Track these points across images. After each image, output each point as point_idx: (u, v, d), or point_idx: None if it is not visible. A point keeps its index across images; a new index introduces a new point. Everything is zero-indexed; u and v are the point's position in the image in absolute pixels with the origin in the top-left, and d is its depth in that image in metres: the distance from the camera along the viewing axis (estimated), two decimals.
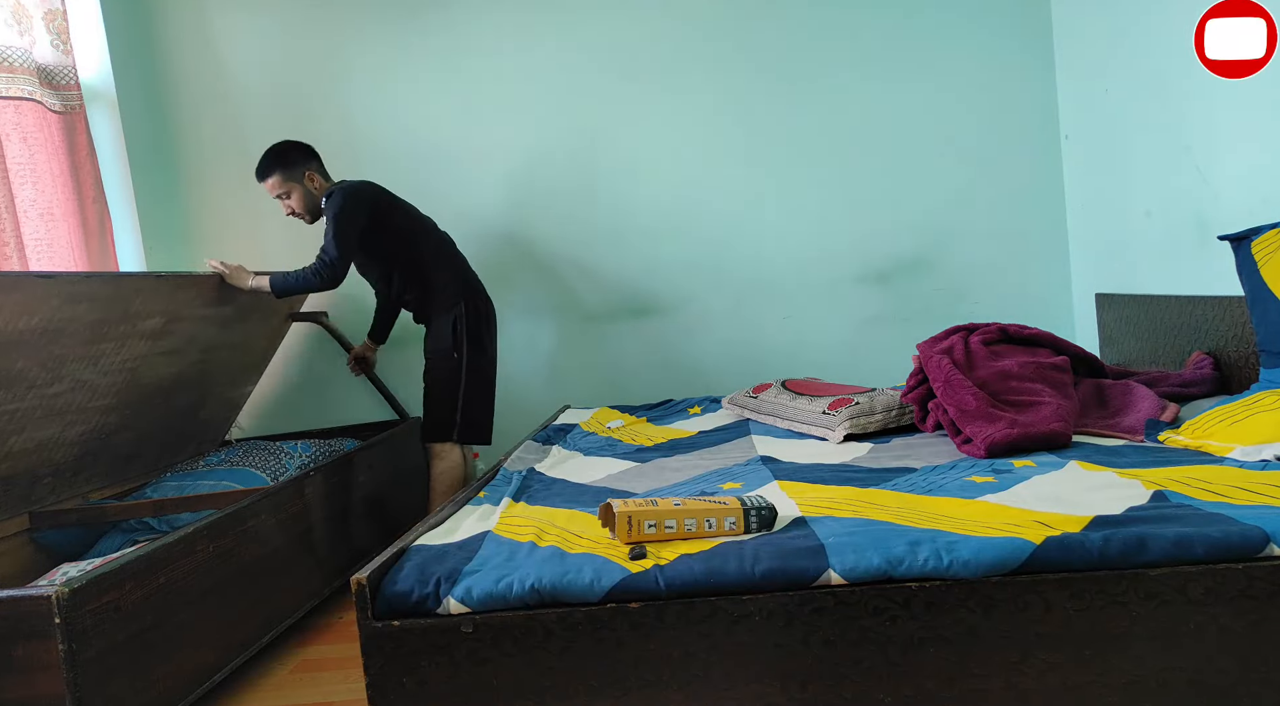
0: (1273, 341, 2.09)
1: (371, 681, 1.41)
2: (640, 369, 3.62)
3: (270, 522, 2.42)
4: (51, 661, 1.66)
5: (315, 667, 2.41)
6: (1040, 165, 3.48)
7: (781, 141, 3.54)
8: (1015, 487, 1.71)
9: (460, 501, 1.96)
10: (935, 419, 2.30)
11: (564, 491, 2.06)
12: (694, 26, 3.52)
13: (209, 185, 3.67)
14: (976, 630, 1.36)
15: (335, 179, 3.02)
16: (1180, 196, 2.71)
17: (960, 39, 3.45)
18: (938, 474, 1.90)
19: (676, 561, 1.42)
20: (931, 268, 3.53)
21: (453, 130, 3.60)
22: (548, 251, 3.62)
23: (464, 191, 3.61)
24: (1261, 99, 2.30)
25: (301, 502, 2.60)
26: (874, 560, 1.37)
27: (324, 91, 3.62)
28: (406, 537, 1.66)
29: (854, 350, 3.55)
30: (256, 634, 2.37)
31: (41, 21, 3.10)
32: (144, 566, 1.90)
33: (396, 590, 1.43)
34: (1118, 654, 1.35)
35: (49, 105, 3.07)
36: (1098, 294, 3.28)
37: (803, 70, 3.51)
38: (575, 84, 3.56)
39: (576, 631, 1.39)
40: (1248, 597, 1.33)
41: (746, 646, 1.38)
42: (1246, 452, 1.78)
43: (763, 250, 3.56)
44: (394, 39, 3.58)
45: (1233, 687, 1.34)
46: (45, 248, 3.03)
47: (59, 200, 3.08)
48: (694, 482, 2.04)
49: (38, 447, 2.35)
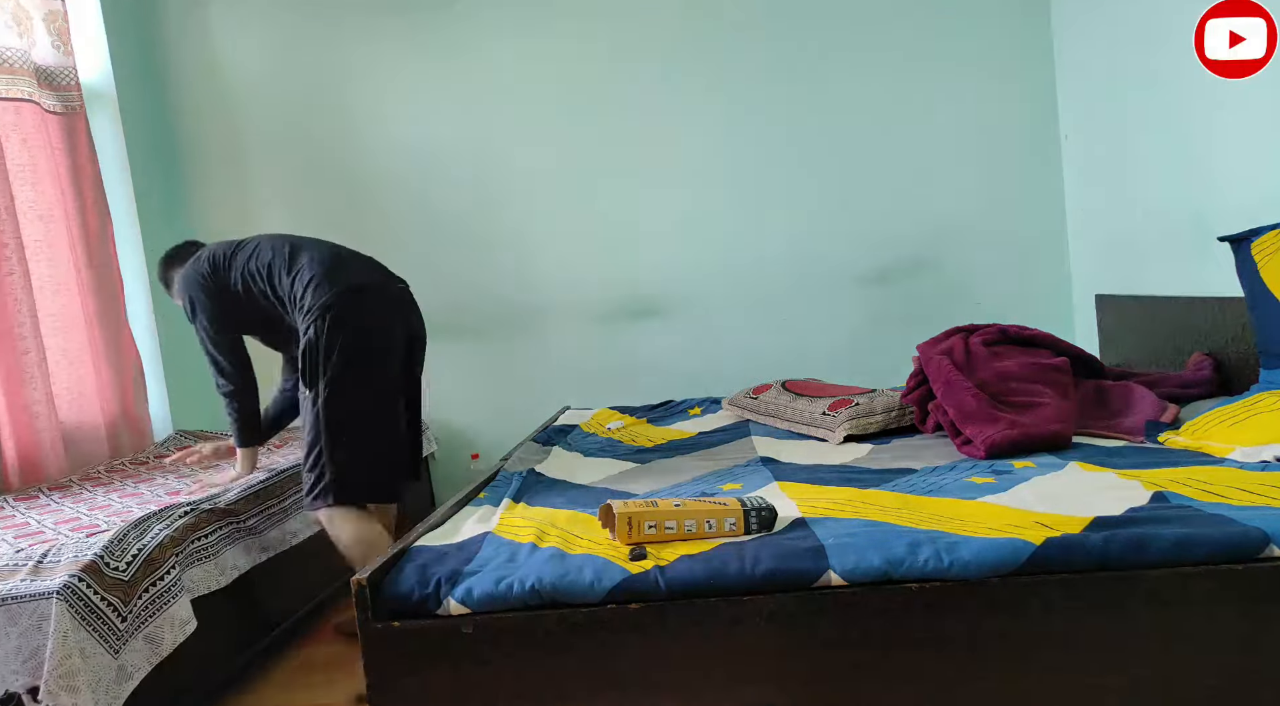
0: (1273, 342, 2.09)
1: (372, 682, 1.41)
2: (641, 370, 3.62)
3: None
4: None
5: (314, 668, 2.41)
6: (1040, 165, 3.48)
7: (781, 142, 3.54)
8: (1015, 488, 1.71)
9: (461, 502, 1.96)
10: (935, 420, 2.30)
11: (564, 492, 2.06)
12: (694, 27, 3.52)
13: (209, 186, 3.67)
14: (977, 631, 1.36)
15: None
16: (1180, 197, 2.71)
17: (960, 39, 3.45)
18: (938, 475, 1.91)
19: (677, 562, 1.42)
20: (932, 268, 3.53)
21: (452, 131, 3.60)
22: (547, 252, 3.62)
23: (463, 192, 3.61)
24: (1261, 99, 2.30)
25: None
26: (874, 561, 1.37)
27: (323, 92, 3.62)
28: (407, 538, 1.65)
29: (854, 351, 3.55)
30: (256, 634, 2.37)
31: (42, 22, 3.10)
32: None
33: (397, 591, 1.43)
34: (1118, 654, 1.35)
35: (48, 106, 3.07)
36: (1098, 294, 3.28)
37: (803, 71, 3.51)
38: (576, 84, 3.56)
39: (577, 632, 1.38)
40: (1248, 598, 1.33)
41: (747, 647, 1.38)
42: (1246, 454, 1.78)
43: (763, 251, 3.56)
44: (393, 40, 3.58)
45: (1233, 688, 1.34)
46: (45, 249, 3.04)
47: (59, 201, 3.08)
48: (694, 483, 2.04)
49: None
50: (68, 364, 3.07)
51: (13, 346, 2.76)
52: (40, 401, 2.82)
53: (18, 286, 2.79)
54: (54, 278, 3.06)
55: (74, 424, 3.06)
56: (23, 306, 2.80)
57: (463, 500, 1.98)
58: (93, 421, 3.12)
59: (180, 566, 2.02)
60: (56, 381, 2.99)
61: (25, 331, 2.79)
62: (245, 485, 2.47)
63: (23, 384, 2.77)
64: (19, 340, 2.77)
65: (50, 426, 2.86)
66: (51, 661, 1.65)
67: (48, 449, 2.84)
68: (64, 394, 3.03)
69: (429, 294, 3.64)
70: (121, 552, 1.89)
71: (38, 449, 2.81)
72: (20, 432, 2.77)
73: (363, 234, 3.65)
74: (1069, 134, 3.40)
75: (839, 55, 3.50)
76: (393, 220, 3.63)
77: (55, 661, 1.65)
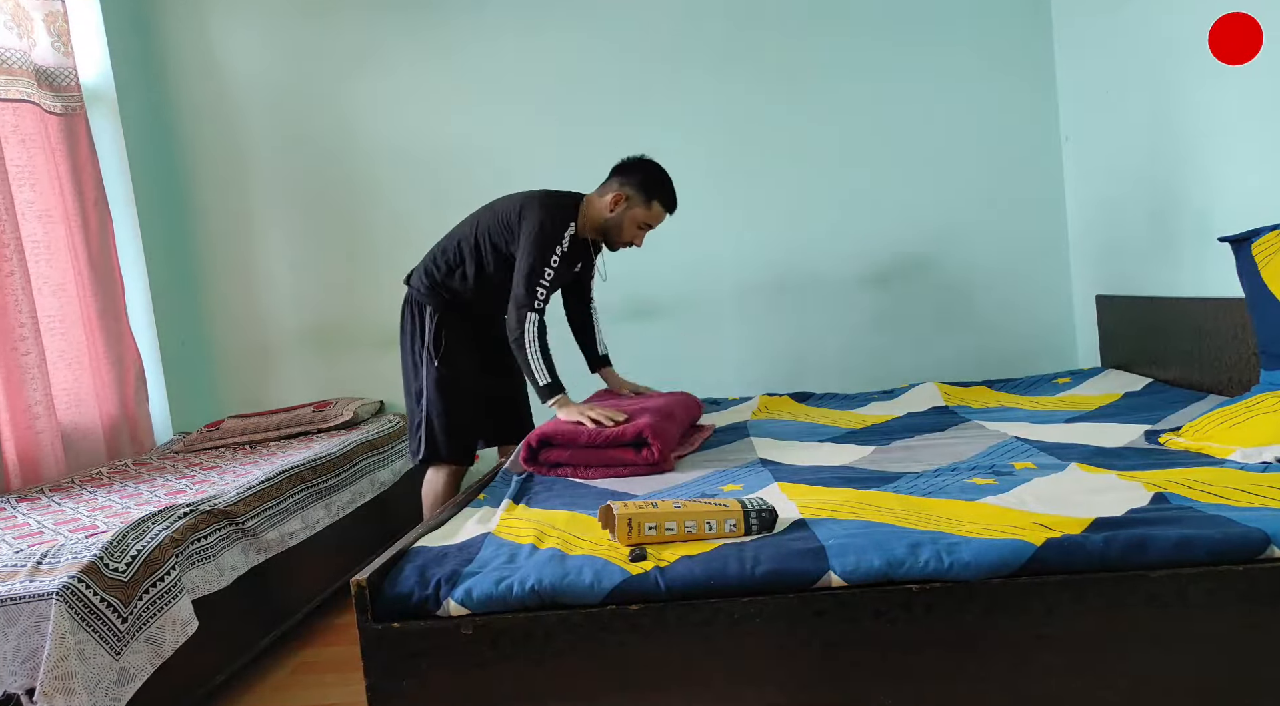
0: (1273, 342, 2.08)
1: (372, 683, 1.40)
2: (642, 371, 3.61)
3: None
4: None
5: (315, 669, 2.41)
6: (1040, 166, 3.48)
7: (782, 143, 3.54)
8: (1016, 489, 1.71)
9: (460, 503, 1.96)
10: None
11: (564, 493, 2.06)
12: (695, 28, 3.52)
13: (209, 187, 3.67)
14: (977, 632, 1.36)
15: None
16: (1180, 197, 2.71)
17: (960, 40, 3.45)
18: (938, 476, 1.90)
19: (677, 563, 1.42)
20: (932, 269, 3.53)
21: (451, 131, 3.60)
22: None
23: (463, 192, 3.60)
24: (1262, 100, 2.30)
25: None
26: (875, 562, 1.37)
27: (323, 92, 3.62)
28: (406, 539, 1.65)
29: (854, 351, 3.55)
30: (256, 635, 2.37)
31: (42, 23, 3.10)
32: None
33: (397, 592, 1.43)
34: (1119, 656, 1.35)
35: (47, 107, 3.07)
36: (1098, 295, 3.28)
37: (804, 72, 3.51)
38: (575, 85, 3.56)
39: (577, 633, 1.38)
40: (1248, 599, 1.33)
41: (747, 648, 1.38)
42: (1247, 455, 1.78)
43: (764, 252, 3.56)
44: (392, 41, 3.58)
45: (1234, 689, 1.34)
46: (44, 250, 3.04)
47: (58, 202, 3.08)
48: (695, 484, 2.04)
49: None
50: (67, 364, 3.07)
51: (13, 347, 2.76)
52: (40, 402, 2.82)
53: (17, 287, 2.79)
54: (54, 278, 3.07)
55: (74, 424, 3.06)
56: (22, 307, 2.80)
57: (462, 501, 1.98)
58: (92, 422, 3.12)
59: (180, 567, 2.01)
60: (56, 382, 3.00)
61: (25, 332, 2.80)
62: (245, 485, 2.47)
63: (23, 385, 2.77)
64: (19, 341, 2.77)
65: (50, 427, 2.86)
66: (48, 663, 1.65)
67: (47, 449, 2.84)
68: (63, 394, 3.03)
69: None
70: (121, 553, 1.89)
71: (37, 449, 2.81)
72: (20, 433, 2.77)
73: (363, 234, 3.67)
74: (1069, 136, 3.40)
75: (840, 57, 3.50)
76: (392, 220, 3.63)
77: (51, 662, 1.65)
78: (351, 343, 3.66)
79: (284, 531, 2.48)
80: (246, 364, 3.72)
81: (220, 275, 3.70)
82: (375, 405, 3.61)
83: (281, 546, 2.45)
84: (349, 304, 3.68)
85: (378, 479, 3.13)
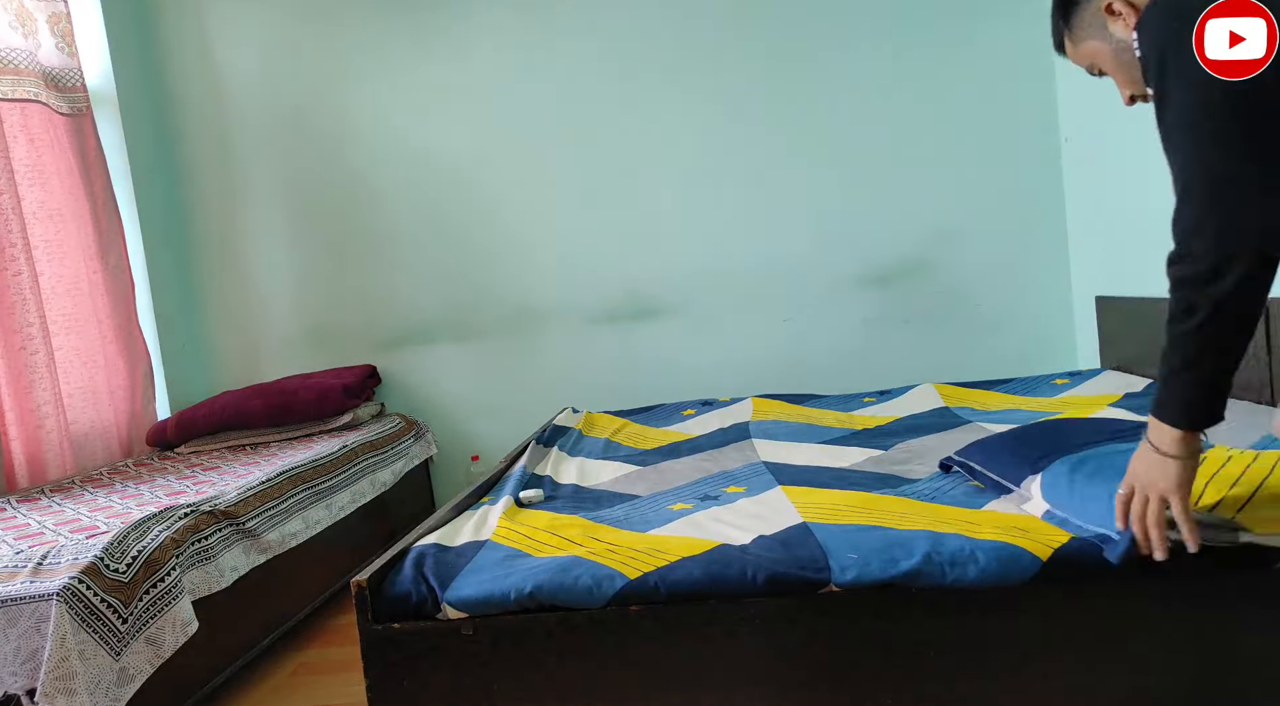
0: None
1: (371, 684, 1.40)
2: (641, 371, 3.62)
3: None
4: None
5: (315, 670, 2.41)
6: (1040, 167, 3.47)
7: (781, 143, 3.53)
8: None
9: (460, 505, 1.95)
10: None
11: (564, 496, 2.06)
12: (693, 27, 3.52)
13: (209, 187, 3.67)
14: (978, 635, 1.36)
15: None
16: None
17: (960, 41, 3.45)
18: (942, 480, 1.90)
19: (677, 565, 1.42)
20: (932, 270, 3.53)
21: (452, 131, 3.60)
22: (547, 253, 3.62)
23: (463, 192, 3.61)
24: None
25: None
26: (876, 565, 1.37)
27: (322, 93, 3.62)
28: (406, 540, 1.65)
29: (854, 352, 3.54)
30: (256, 636, 2.37)
31: (46, 24, 3.10)
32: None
33: (396, 593, 1.43)
34: (1121, 658, 1.35)
35: (55, 107, 3.07)
36: (1098, 296, 3.28)
37: (803, 72, 3.50)
38: (574, 85, 3.56)
39: (577, 634, 1.38)
40: (1249, 601, 1.33)
41: (747, 651, 1.38)
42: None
43: (763, 252, 3.56)
44: (392, 41, 3.58)
45: (1234, 690, 1.34)
46: (54, 249, 3.03)
47: (68, 202, 3.08)
48: (697, 485, 2.04)
49: None
50: (79, 364, 3.07)
51: (20, 347, 2.76)
52: (48, 402, 2.82)
53: (25, 287, 2.79)
54: (64, 278, 3.07)
55: (85, 424, 3.06)
56: (30, 307, 2.80)
57: (462, 502, 1.98)
58: (104, 422, 3.12)
59: (180, 568, 2.01)
60: (67, 382, 3.00)
61: (34, 332, 2.80)
62: (245, 486, 2.47)
63: (30, 385, 2.78)
64: (27, 341, 2.77)
65: (58, 427, 2.86)
66: (49, 663, 1.65)
67: (55, 450, 2.84)
68: (75, 394, 3.03)
69: (428, 294, 3.66)
70: (122, 554, 1.89)
71: (44, 450, 2.81)
72: (28, 434, 2.78)
73: (363, 234, 3.67)
74: (1069, 136, 3.40)
75: (839, 57, 3.49)
76: (392, 220, 3.64)
77: (52, 663, 1.65)
78: (352, 343, 3.66)
79: (284, 532, 2.48)
80: (246, 364, 3.72)
81: (220, 276, 3.70)
82: (376, 406, 3.61)
83: (282, 547, 2.45)
84: (349, 304, 3.68)
85: (378, 479, 3.12)
